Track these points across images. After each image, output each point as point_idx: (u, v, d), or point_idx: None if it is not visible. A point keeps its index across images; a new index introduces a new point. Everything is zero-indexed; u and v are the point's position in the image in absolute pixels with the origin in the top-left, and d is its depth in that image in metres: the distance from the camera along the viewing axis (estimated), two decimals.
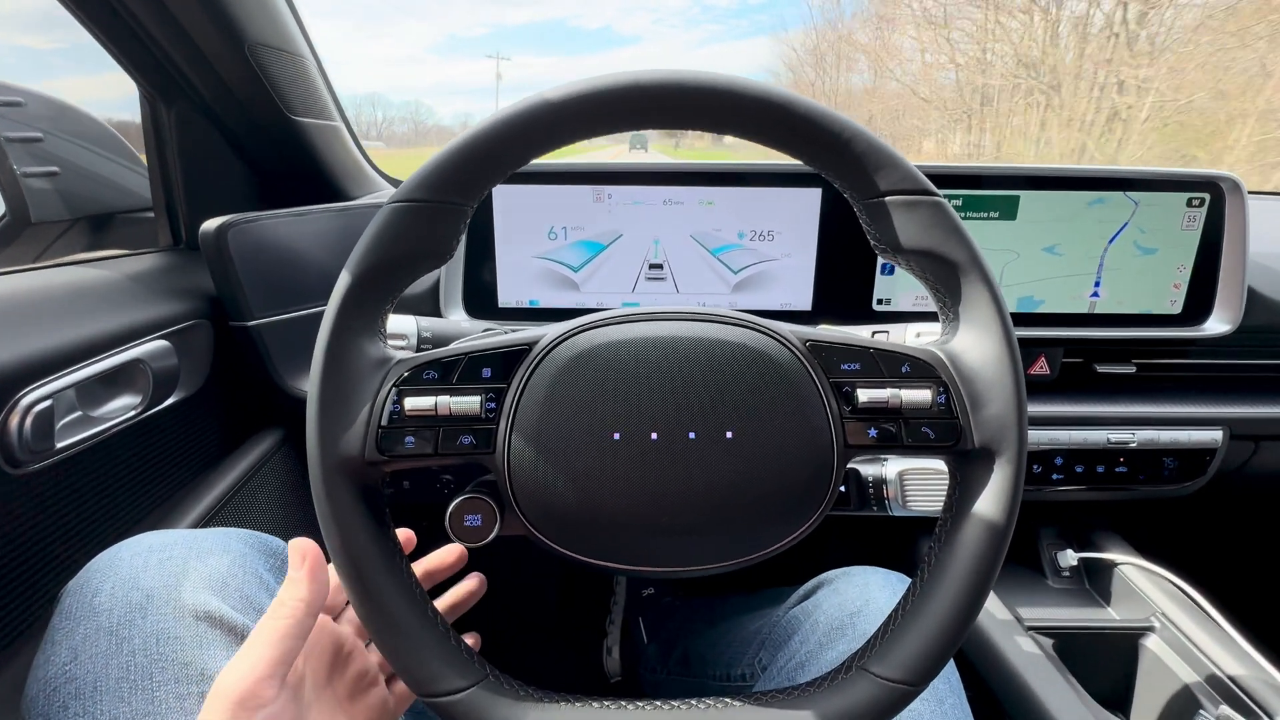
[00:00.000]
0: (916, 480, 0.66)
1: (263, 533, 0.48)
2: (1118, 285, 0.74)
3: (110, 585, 0.39)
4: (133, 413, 0.56)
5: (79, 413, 0.52)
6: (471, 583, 0.48)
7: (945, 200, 0.33)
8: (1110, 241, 0.73)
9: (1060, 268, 0.74)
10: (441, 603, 0.46)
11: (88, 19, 0.60)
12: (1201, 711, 0.59)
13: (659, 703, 0.34)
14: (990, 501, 0.33)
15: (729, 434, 0.33)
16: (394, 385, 0.33)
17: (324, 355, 0.32)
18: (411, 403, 0.33)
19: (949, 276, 0.34)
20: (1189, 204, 0.72)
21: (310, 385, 0.32)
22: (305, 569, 0.33)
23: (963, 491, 0.34)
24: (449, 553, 0.46)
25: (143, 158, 0.74)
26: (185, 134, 0.70)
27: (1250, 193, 0.72)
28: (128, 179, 0.86)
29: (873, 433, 0.34)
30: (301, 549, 0.33)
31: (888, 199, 0.33)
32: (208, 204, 0.73)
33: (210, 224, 0.61)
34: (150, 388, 0.57)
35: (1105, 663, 0.68)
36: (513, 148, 0.32)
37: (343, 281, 0.32)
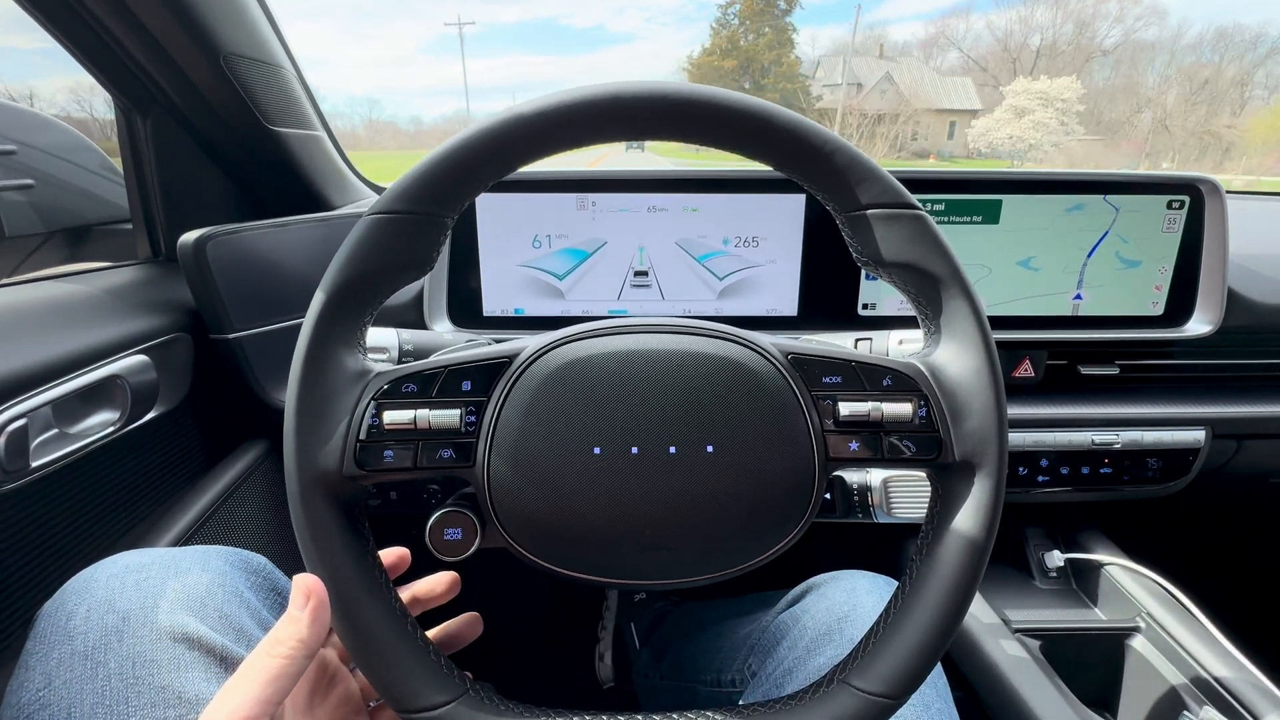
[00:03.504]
0: (901, 487, 0.66)
1: (245, 549, 0.48)
2: (1100, 289, 0.75)
3: (85, 607, 0.39)
4: (111, 429, 0.55)
5: (55, 431, 0.51)
6: (466, 621, 0.44)
7: (926, 214, 0.33)
8: (1089, 255, 0.73)
9: (1036, 285, 0.74)
10: (431, 634, 0.43)
11: (57, 30, 0.59)
12: (1186, 712, 0.59)
13: (639, 716, 0.34)
14: (970, 515, 0.33)
15: (710, 448, 0.33)
16: (372, 399, 0.33)
17: (301, 368, 0.32)
18: (390, 416, 0.33)
19: (930, 289, 0.34)
20: (1169, 206, 0.72)
21: (288, 399, 0.32)
22: (309, 609, 0.31)
23: (943, 505, 0.34)
24: (439, 582, 0.43)
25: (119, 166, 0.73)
26: (162, 145, 0.69)
27: (1229, 193, 0.73)
28: (106, 191, 0.85)
29: (854, 445, 0.34)
30: (306, 587, 0.31)
31: (869, 212, 0.33)
32: (187, 215, 0.72)
33: (188, 236, 0.60)
34: (128, 403, 0.56)
35: (1092, 664, 0.69)
36: (492, 160, 0.32)
37: (320, 294, 0.32)
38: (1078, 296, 0.75)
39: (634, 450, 0.32)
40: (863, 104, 40.38)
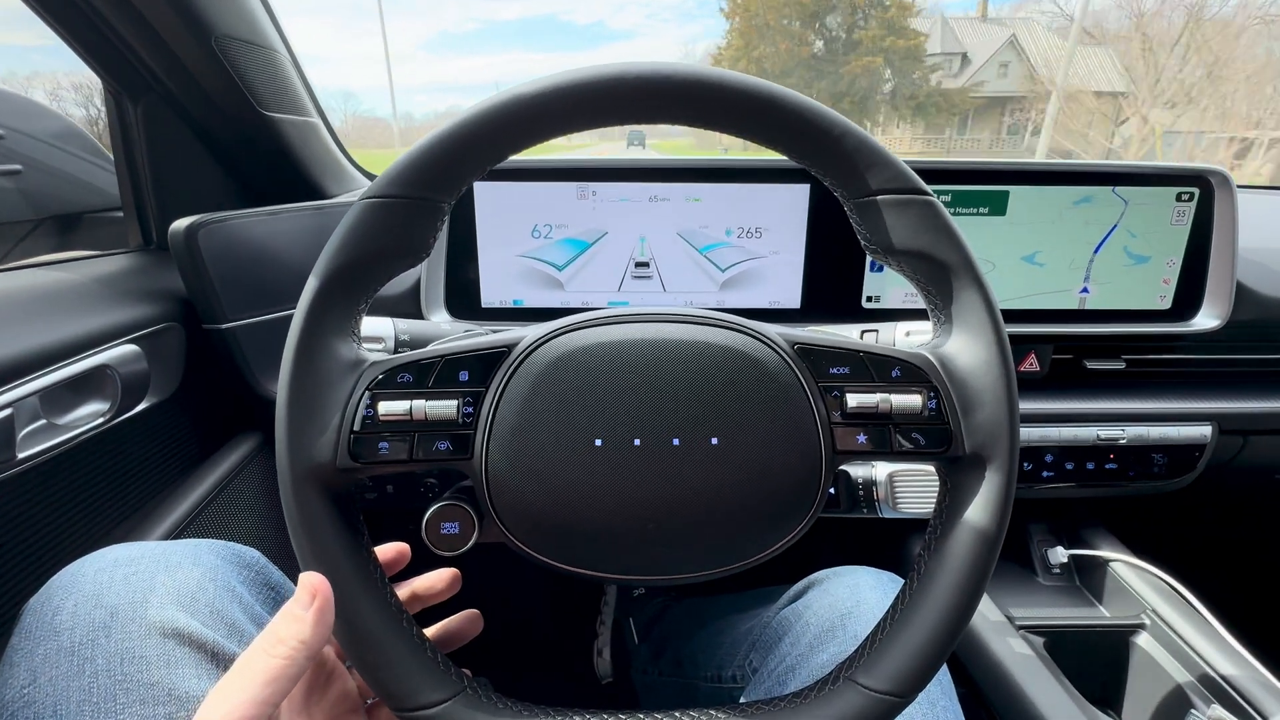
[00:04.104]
0: (906, 482, 0.66)
1: (237, 543, 0.47)
2: (1107, 281, 0.74)
3: (72, 603, 0.38)
4: (100, 420, 0.54)
5: (43, 421, 0.50)
6: (466, 619, 0.43)
7: (937, 200, 0.32)
8: (1096, 251, 0.72)
9: (1042, 282, 0.73)
10: (431, 631, 0.42)
11: (46, 13, 0.58)
12: (1193, 710, 0.59)
13: (642, 715, 0.33)
14: (981, 509, 0.32)
15: (714, 440, 0.32)
16: (367, 389, 0.32)
17: (294, 358, 0.31)
18: (385, 407, 0.32)
19: (940, 278, 0.33)
20: (1178, 199, 0.71)
21: (279, 389, 0.31)
22: (313, 609, 0.30)
23: (953, 498, 0.34)
24: (440, 578, 0.42)
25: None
26: (153, 131, 0.68)
27: (1239, 187, 0.72)
28: (97, 178, 0.84)
29: (862, 438, 0.33)
30: (312, 585, 0.30)
31: (879, 198, 0.32)
32: (179, 203, 0.71)
33: (180, 224, 0.59)
34: (119, 394, 0.55)
35: (1096, 661, 0.68)
36: (491, 143, 0.31)
37: (313, 281, 0.31)
38: (1084, 290, 0.74)
39: (636, 442, 0.32)
40: (974, 83, 25.97)
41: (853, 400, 0.33)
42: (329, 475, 0.31)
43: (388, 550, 0.40)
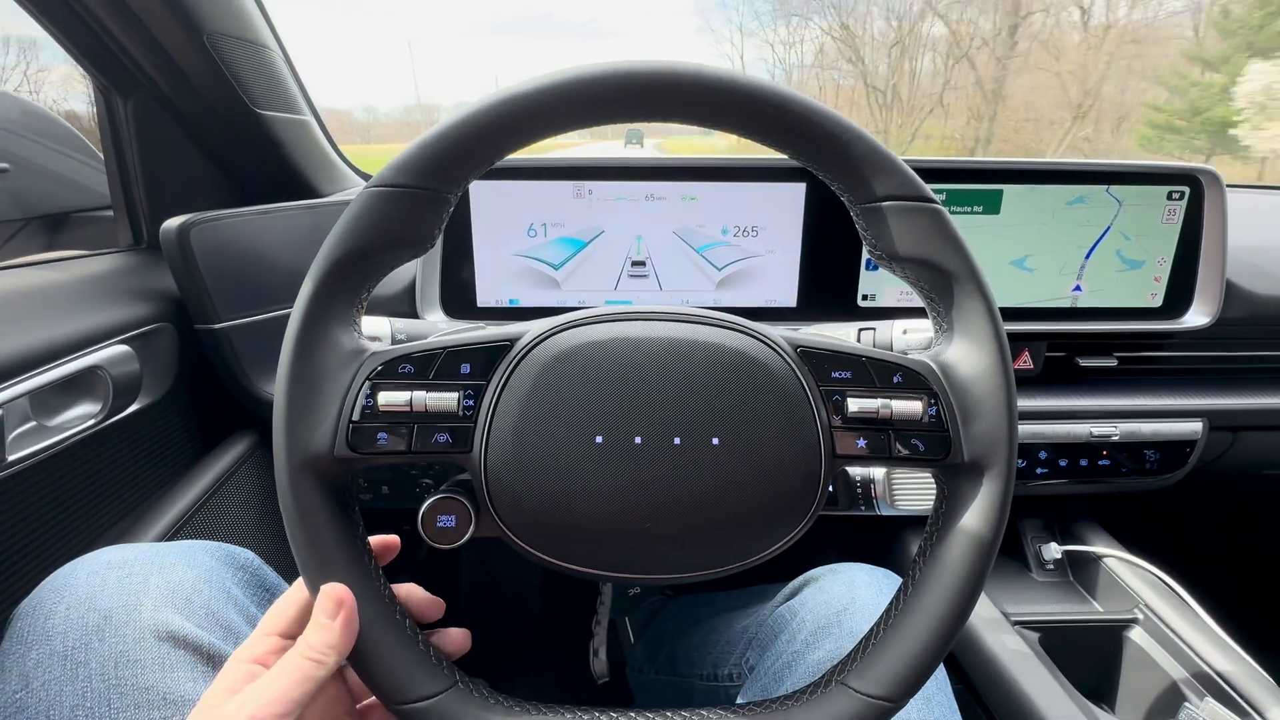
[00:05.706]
0: (904, 480, 0.66)
1: (232, 545, 0.46)
2: (1099, 280, 0.74)
3: (65, 606, 0.37)
4: (92, 421, 0.54)
5: (33, 423, 0.49)
6: (456, 637, 0.41)
7: (943, 208, 0.33)
8: (1088, 255, 0.73)
9: (1030, 289, 0.73)
10: None
11: (33, 6, 0.57)
12: (1186, 704, 0.59)
13: (633, 713, 0.33)
14: (977, 517, 0.33)
15: (715, 440, 0.32)
16: (367, 379, 0.32)
17: (294, 344, 0.31)
18: (385, 397, 0.32)
19: (944, 285, 0.34)
20: (1169, 197, 0.72)
21: (278, 377, 0.31)
22: (340, 619, 0.30)
23: (950, 505, 0.34)
24: (429, 604, 0.40)
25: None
26: (144, 129, 0.67)
27: (1229, 186, 0.72)
28: (85, 176, 0.82)
29: (861, 443, 0.33)
30: (338, 596, 0.30)
31: (885, 204, 0.32)
32: (171, 202, 0.70)
33: (171, 223, 0.59)
34: (110, 395, 0.55)
35: (1090, 656, 0.69)
36: (497, 136, 0.31)
37: (317, 267, 0.31)
38: (1077, 288, 0.74)
39: (638, 440, 0.32)
40: None
41: (854, 405, 0.33)
42: (326, 465, 0.31)
43: (375, 542, 0.40)
